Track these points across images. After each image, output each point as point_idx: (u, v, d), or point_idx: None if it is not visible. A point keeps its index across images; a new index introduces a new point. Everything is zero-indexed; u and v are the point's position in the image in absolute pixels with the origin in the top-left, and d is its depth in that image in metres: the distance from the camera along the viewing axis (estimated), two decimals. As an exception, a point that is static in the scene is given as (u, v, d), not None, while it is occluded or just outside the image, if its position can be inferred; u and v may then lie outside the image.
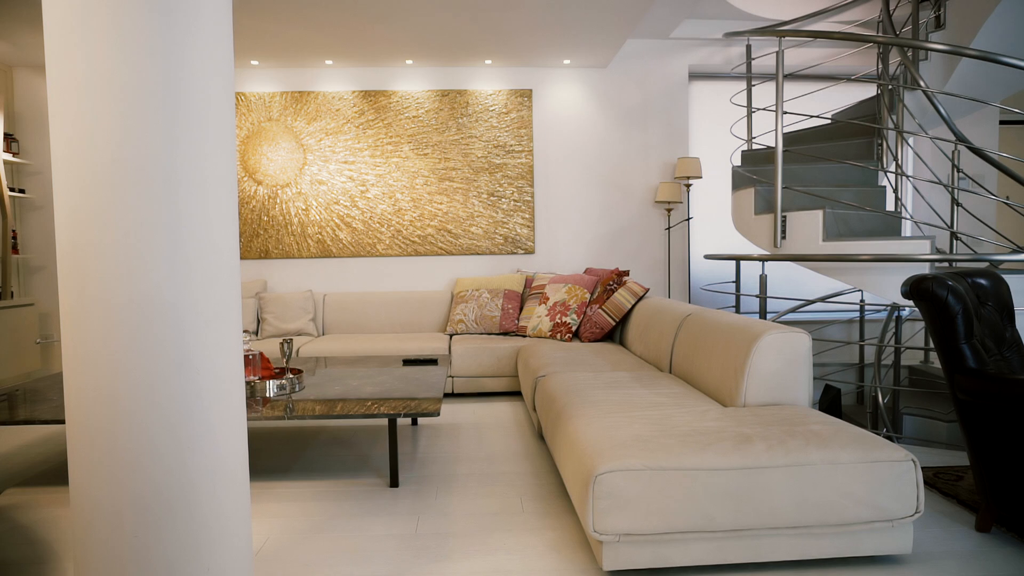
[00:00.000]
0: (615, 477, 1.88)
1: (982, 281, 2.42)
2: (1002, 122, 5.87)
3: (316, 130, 5.25)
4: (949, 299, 2.17)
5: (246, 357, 2.90)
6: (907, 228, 5.11)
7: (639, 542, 1.92)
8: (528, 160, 5.32)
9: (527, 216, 5.33)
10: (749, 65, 4.08)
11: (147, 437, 1.45)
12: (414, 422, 3.77)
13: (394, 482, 2.76)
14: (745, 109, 4.14)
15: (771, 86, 5.16)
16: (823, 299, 4.01)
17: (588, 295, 4.51)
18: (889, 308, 3.71)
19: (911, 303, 3.20)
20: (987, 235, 4.49)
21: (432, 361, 3.67)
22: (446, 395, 4.49)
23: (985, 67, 3.32)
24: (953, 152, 3.73)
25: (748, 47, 4.13)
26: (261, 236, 5.27)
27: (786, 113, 3.41)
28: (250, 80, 5.22)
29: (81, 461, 1.47)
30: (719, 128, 5.53)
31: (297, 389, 2.95)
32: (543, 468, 2.97)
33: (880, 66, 3.93)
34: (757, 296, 3.69)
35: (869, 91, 5.71)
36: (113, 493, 1.45)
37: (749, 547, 1.96)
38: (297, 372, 3.08)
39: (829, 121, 4.09)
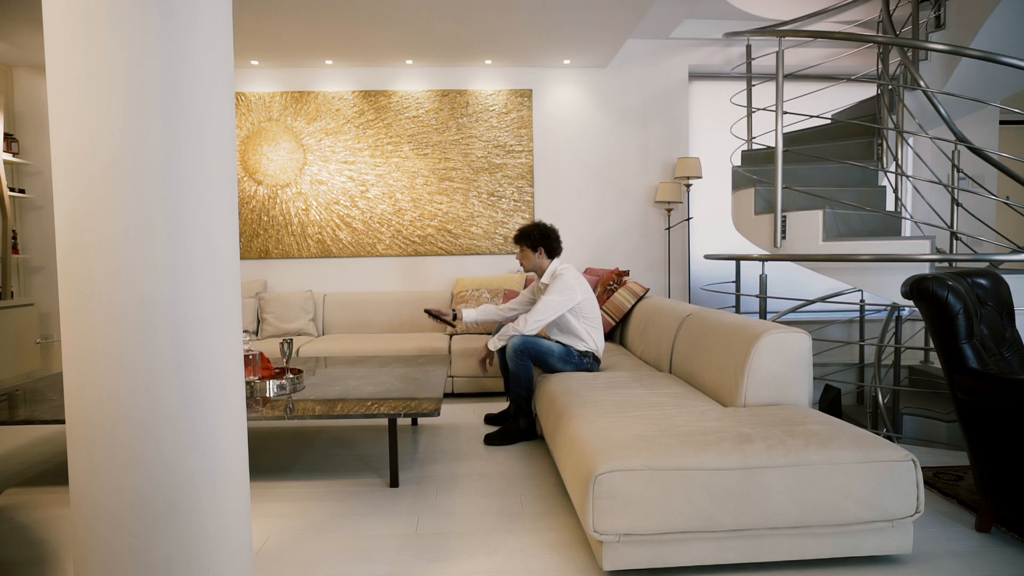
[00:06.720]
0: (615, 477, 1.88)
1: (982, 281, 2.42)
2: (1002, 122, 5.87)
3: (316, 130, 5.25)
4: (949, 299, 2.17)
5: (246, 357, 2.90)
6: (907, 228, 5.10)
7: (639, 542, 1.92)
8: (528, 160, 5.32)
9: (527, 216, 5.33)
10: (749, 65, 4.08)
11: (147, 437, 1.45)
12: (414, 422, 3.77)
13: (394, 482, 2.76)
14: (745, 109, 4.13)
15: (771, 86, 5.15)
16: (823, 299, 4.01)
17: (588, 295, 4.51)
18: (889, 308, 3.71)
19: (911, 303, 3.20)
20: (987, 235, 4.48)
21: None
22: (446, 395, 4.49)
23: (985, 67, 3.32)
24: (953, 152, 3.73)
25: (748, 47, 4.13)
26: (261, 236, 5.27)
27: (786, 113, 3.41)
28: (250, 80, 5.22)
29: (81, 461, 1.47)
30: (719, 128, 5.52)
31: (297, 389, 2.95)
32: (543, 468, 2.96)
33: (880, 66, 3.93)
34: (757, 296, 3.69)
35: (869, 91, 5.71)
36: (113, 493, 1.45)
37: (749, 547, 1.96)
38: (297, 372, 3.08)
39: (829, 121, 4.09)
